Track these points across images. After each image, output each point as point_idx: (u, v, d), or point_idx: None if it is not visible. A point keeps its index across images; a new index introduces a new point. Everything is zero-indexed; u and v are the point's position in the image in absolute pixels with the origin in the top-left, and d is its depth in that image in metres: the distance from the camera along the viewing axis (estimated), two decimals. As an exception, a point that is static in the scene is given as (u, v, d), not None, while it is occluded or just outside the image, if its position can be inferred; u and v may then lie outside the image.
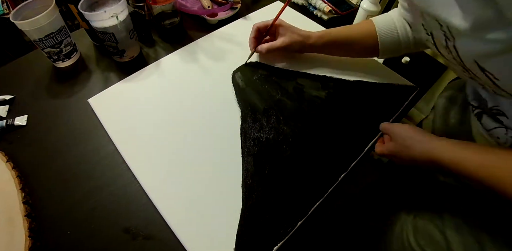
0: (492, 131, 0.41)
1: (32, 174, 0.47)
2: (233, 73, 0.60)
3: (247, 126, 0.52)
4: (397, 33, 0.52)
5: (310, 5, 0.74)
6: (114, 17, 0.52)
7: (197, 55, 0.63)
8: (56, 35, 0.54)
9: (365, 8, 0.62)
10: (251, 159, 0.48)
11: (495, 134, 0.40)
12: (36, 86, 0.58)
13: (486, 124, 0.41)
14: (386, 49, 0.54)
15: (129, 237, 0.42)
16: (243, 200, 0.45)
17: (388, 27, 0.52)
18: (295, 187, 0.46)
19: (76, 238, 0.42)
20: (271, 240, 0.42)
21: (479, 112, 0.43)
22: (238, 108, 0.55)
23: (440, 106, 0.57)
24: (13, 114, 0.54)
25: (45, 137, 0.51)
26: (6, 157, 0.47)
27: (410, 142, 0.42)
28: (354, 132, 0.53)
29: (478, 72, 0.33)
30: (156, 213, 0.44)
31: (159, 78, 0.59)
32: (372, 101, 0.57)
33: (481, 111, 0.42)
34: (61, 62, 0.59)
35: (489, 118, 0.41)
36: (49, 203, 0.44)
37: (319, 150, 0.50)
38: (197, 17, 0.71)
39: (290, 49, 0.57)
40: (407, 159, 0.43)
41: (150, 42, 0.67)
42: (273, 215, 0.44)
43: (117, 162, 0.48)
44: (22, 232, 0.39)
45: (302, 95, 0.56)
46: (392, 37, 0.52)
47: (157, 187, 0.46)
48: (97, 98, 0.55)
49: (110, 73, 0.61)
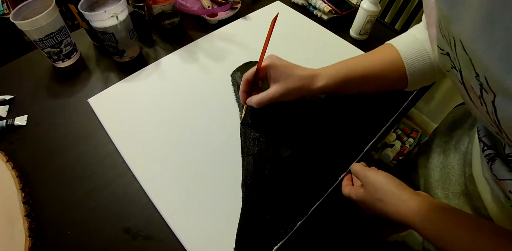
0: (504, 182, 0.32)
1: (32, 174, 0.47)
2: (233, 73, 0.60)
3: (247, 126, 0.52)
4: (429, 59, 0.40)
5: (310, 5, 0.74)
6: (114, 17, 0.52)
7: (197, 55, 0.63)
8: (56, 35, 0.54)
9: (365, 8, 0.62)
10: (251, 159, 0.48)
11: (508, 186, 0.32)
12: (36, 86, 0.58)
13: (498, 171, 0.33)
14: (416, 80, 0.43)
15: (129, 237, 0.42)
16: (243, 200, 0.45)
17: (416, 53, 0.41)
18: (295, 187, 0.46)
19: (76, 238, 0.42)
20: (271, 240, 0.42)
21: (492, 155, 0.34)
22: (238, 108, 0.55)
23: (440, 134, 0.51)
24: (13, 114, 0.54)
25: (45, 137, 0.51)
26: (6, 157, 0.47)
27: (384, 195, 0.36)
28: (354, 132, 0.53)
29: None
30: (156, 213, 0.44)
31: (159, 78, 0.59)
32: (372, 101, 0.57)
33: (495, 154, 0.34)
34: (61, 62, 0.59)
35: (504, 166, 0.32)
36: (49, 203, 0.44)
37: (319, 150, 0.50)
38: (197, 17, 0.71)
39: (288, 98, 0.45)
40: (378, 211, 0.38)
41: (150, 42, 0.67)
42: (273, 215, 0.44)
43: (117, 162, 0.48)
44: (22, 232, 0.39)
45: (302, 95, 0.56)
46: (423, 65, 0.41)
47: (157, 187, 0.46)
48: (97, 98, 0.55)
49: (110, 73, 0.61)
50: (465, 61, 0.25)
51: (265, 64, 0.44)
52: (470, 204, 0.41)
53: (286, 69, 0.43)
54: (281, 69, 0.43)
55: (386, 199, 0.36)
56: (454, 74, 0.29)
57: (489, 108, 0.25)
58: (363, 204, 0.40)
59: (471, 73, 0.24)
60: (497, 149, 0.34)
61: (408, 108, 0.58)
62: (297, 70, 0.43)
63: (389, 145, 1.21)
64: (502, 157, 0.33)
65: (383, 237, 0.55)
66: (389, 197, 0.36)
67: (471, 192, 0.41)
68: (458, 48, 0.25)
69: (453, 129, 0.50)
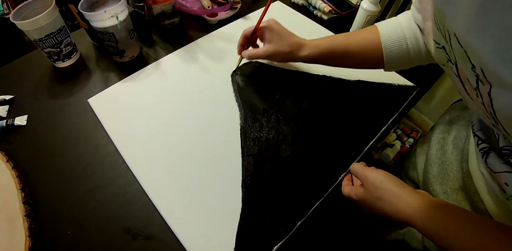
0: (499, 175, 0.33)
1: (32, 174, 0.47)
2: (233, 73, 0.60)
3: (247, 126, 0.52)
4: (406, 45, 0.43)
5: (310, 5, 0.74)
6: (114, 17, 0.52)
7: (197, 55, 0.63)
8: (56, 35, 0.54)
9: (365, 8, 0.62)
10: (251, 159, 0.48)
11: (503, 179, 0.32)
12: (36, 86, 0.58)
13: (493, 164, 0.34)
14: (392, 63, 0.46)
15: (129, 237, 0.42)
16: (243, 200, 0.45)
17: (395, 37, 0.43)
18: (295, 187, 0.46)
19: (76, 238, 0.42)
20: (271, 240, 0.42)
21: (487, 149, 0.35)
22: (238, 108, 0.55)
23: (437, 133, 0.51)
24: (13, 114, 0.54)
25: (45, 137, 0.51)
26: (6, 157, 0.47)
27: (384, 194, 0.37)
28: (354, 132, 0.53)
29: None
30: (156, 213, 0.44)
31: (159, 78, 0.59)
32: (372, 101, 0.57)
33: (489, 147, 0.35)
34: (61, 62, 0.59)
35: (499, 159, 0.33)
36: (49, 203, 0.44)
37: (318, 150, 0.50)
38: (197, 17, 0.71)
39: (275, 59, 0.51)
40: (378, 210, 0.38)
41: (150, 42, 0.67)
42: (273, 215, 0.44)
43: (117, 162, 0.48)
44: (22, 232, 0.39)
45: (302, 95, 0.56)
46: (399, 49, 0.44)
47: (157, 187, 0.46)
48: (97, 98, 0.55)
49: (110, 73, 0.61)
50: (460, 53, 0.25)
51: (263, 25, 0.49)
52: (467, 198, 0.42)
53: (280, 33, 0.48)
54: (276, 33, 0.48)
55: (386, 198, 0.36)
56: (450, 67, 0.30)
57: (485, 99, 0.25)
58: (363, 203, 0.40)
59: (467, 65, 0.25)
60: (491, 142, 0.35)
61: (408, 108, 0.58)
62: (289, 37, 0.48)
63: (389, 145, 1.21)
64: (496, 150, 0.34)
65: (383, 236, 0.55)
66: (388, 196, 0.36)
67: (468, 187, 0.41)
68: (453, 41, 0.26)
69: (450, 125, 0.51)
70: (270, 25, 0.49)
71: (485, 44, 0.21)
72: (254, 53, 0.51)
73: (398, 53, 0.44)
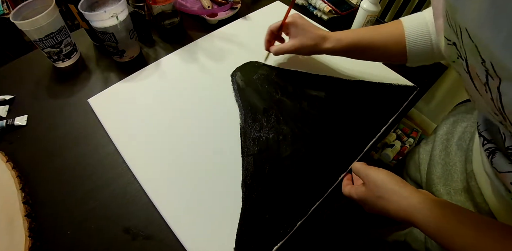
0: (504, 175, 0.33)
1: (32, 174, 0.47)
2: (233, 73, 0.60)
3: (247, 126, 0.52)
4: (430, 40, 0.43)
5: (310, 5, 0.74)
6: (114, 17, 0.52)
7: (197, 55, 0.63)
8: (56, 35, 0.54)
9: (365, 8, 0.62)
10: (251, 159, 0.48)
11: (509, 178, 0.32)
12: (36, 86, 0.58)
13: (499, 164, 0.33)
14: (415, 57, 0.46)
15: (129, 237, 0.42)
16: (243, 200, 0.45)
17: (419, 32, 0.44)
18: (295, 187, 0.46)
19: (76, 238, 0.42)
20: (271, 240, 0.42)
21: (492, 149, 0.35)
22: (238, 108, 0.55)
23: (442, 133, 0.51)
24: (13, 114, 0.54)
25: (45, 137, 0.51)
26: (6, 157, 0.47)
27: (386, 192, 0.37)
28: (354, 132, 0.53)
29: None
30: (156, 213, 0.44)
31: (159, 78, 0.59)
32: (372, 101, 0.57)
33: (495, 147, 0.35)
34: (61, 62, 0.59)
35: (504, 158, 0.33)
36: (49, 203, 0.44)
37: (319, 150, 0.50)
38: (197, 17, 0.71)
39: (301, 53, 0.54)
40: (379, 210, 0.38)
41: (150, 42, 0.67)
42: (273, 215, 0.44)
43: (117, 162, 0.48)
44: (22, 232, 0.39)
45: (302, 95, 0.56)
46: (424, 44, 0.44)
47: (157, 187, 0.46)
48: (97, 98, 0.55)
49: (110, 73, 0.61)
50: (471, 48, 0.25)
51: (289, 20, 0.52)
52: (471, 200, 0.42)
53: (305, 28, 0.50)
54: (301, 27, 0.50)
55: (387, 197, 0.36)
56: (460, 63, 0.30)
57: (494, 94, 0.25)
58: (364, 202, 0.40)
59: (477, 60, 0.25)
60: (497, 142, 0.35)
61: (408, 108, 0.58)
62: (313, 30, 0.50)
63: (389, 145, 1.21)
64: (502, 150, 0.33)
65: (383, 236, 0.55)
66: (390, 195, 0.36)
67: (472, 188, 0.41)
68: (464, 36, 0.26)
69: (454, 126, 0.51)
70: (295, 20, 0.51)
71: (496, 38, 0.21)
72: (281, 48, 0.53)
73: (421, 48, 0.45)
